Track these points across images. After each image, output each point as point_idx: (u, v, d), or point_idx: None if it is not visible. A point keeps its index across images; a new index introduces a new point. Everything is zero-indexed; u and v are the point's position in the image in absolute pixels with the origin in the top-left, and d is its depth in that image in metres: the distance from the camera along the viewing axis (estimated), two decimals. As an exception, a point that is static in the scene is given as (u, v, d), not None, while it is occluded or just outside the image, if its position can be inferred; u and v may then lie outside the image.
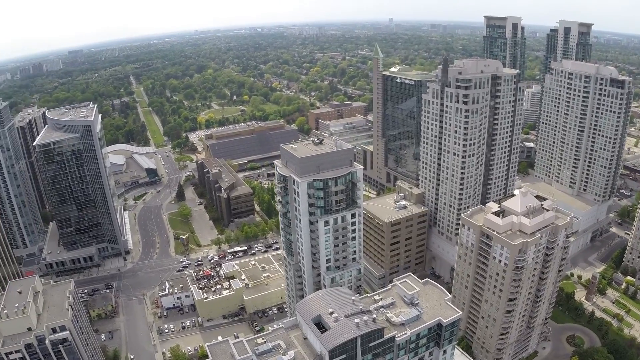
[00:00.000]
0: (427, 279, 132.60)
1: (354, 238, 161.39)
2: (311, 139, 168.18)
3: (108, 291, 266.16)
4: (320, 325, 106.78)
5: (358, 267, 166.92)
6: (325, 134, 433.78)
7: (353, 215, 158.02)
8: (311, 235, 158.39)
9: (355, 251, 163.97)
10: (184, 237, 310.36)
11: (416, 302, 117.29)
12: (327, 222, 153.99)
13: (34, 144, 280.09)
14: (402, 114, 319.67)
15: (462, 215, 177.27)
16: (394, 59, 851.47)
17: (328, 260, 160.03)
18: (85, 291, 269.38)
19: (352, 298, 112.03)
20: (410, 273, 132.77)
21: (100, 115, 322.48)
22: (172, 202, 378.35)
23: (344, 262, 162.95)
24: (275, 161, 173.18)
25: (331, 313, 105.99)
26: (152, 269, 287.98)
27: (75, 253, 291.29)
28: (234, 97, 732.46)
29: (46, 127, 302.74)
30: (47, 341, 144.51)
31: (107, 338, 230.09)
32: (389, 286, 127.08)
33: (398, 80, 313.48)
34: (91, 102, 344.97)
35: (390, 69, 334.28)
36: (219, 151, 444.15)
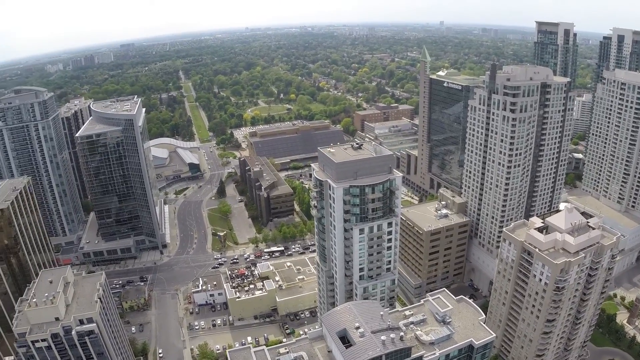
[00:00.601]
0: (461, 296, 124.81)
1: (389, 248, 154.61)
2: (350, 143, 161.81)
3: (142, 284, 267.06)
4: (346, 340, 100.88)
5: (392, 277, 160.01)
6: (370, 137, 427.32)
7: (390, 225, 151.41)
8: (345, 242, 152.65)
9: (390, 261, 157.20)
10: (221, 234, 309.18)
11: (448, 320, 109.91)
12: (362, 230, 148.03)
13: (77, 135, 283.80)
14: (449, 119, 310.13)
15: (504, 229, 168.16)
16: (444, 63, 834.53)
17: (361, 269, 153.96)
18: (120, 282, 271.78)
19: (381, 313, 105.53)
20: (444, 288, 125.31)
21: (143, 109, 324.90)
22: (213, 198, 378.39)
23: (377, 272, 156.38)
24: (312, 164, 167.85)
25: (357, 328, 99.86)
26: (188, 264, 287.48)
27: (113, 244, 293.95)
28: (281, 95, 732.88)
29: (90, 119, 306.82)
30: (73, 332, 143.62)
31: (138, 331, 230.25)
32: (421, 301, 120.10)
33: (445, 84, 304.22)
34: (135, 96, 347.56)
35: (438, 73, 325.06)
36: (262, 149, 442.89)
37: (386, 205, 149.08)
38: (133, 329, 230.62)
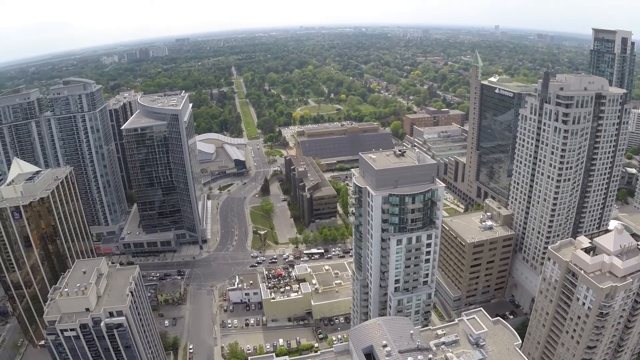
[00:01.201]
0: (498, 317, 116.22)
1: (427, 260, 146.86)
2: (392, 150, 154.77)
3: (179, 278, 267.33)
4: (371, 357, 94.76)
5: (429, 291, 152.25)
6: (419, 141, 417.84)
7: (429, 237, 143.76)
8: (382, 252, 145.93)
9: (427, 274, 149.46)
10: (262, 232, 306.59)
11: (482, 343, 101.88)
12: (399, 241, 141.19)
13: (121, 128, 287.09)
14: (499, 126, 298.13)
15: (549, 247, 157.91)
16: (497, 68, 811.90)
17: (397, 281, 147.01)
18: (157, 275, 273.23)
19: (411, 331, 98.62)
20: (481, 308, 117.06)
21: (190, 104, 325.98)
22: (257, 195, 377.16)
23: (413, 285, 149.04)
24: (353, 170, 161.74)
25: (384, 346, 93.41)
26: (226, 260, 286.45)
27: (153, 236, 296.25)
28: (331, 95, 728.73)
29: (137, 112, 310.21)
30: (102, 324, 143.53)
31: (171, 324, 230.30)
32: (456, 320, 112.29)
33: (497, 90, 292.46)
34: (183, 91, 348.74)
35: (490, 79, 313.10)
36: (309, 149, 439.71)
37: (426, 217, 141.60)
38: (166, 322, 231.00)
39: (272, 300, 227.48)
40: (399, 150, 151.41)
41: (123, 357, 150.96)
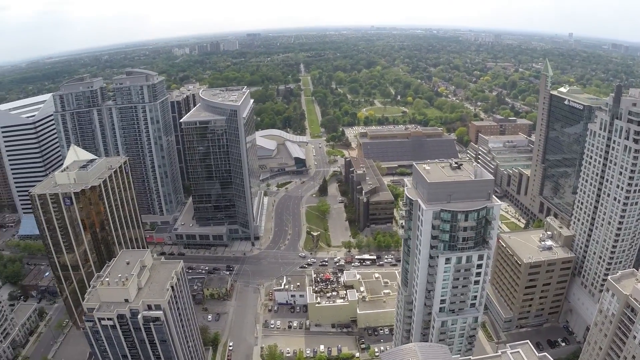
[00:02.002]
0: (544, 353, 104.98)
1: (477, 282, 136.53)
2: (449, 161, 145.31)
3: (227, 273, 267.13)
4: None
5: (476, 314, 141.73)
6: (483, 149, 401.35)
7: (480, 257, 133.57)
8: (429, 270, 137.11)
9: (476, 296, 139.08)
10: (315, 233, 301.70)
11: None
12: (448, 260, 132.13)
13: (180, 121, 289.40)
14: (568, 139, 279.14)
15: (609, 277, 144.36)
16: (569, 77, 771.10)
17: (442, 301, 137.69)
18: (206, 268, 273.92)
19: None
20: (527, 341, 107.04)
21: (252, 100, 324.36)
22: (314, 195, 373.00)
23: (460, 307, 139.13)
24: (405, 179, 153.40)
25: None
26: (277, 259, 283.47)
27: (206, 229, 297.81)
28: (398, 97, 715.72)
29: (198, 105, 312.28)
30: (139, 316, 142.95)
31: (214, 319, 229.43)
32: (499, 352, 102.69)
33: (566, 102, 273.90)
34: (245, 87, 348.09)
35: (560, 89, 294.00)
36: (371, 150, 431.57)
37: (479, 235, 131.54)
38: (209, 317, 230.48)
39: (317, 305, 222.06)
40: (455, 163, 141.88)
41: (158, 350, 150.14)
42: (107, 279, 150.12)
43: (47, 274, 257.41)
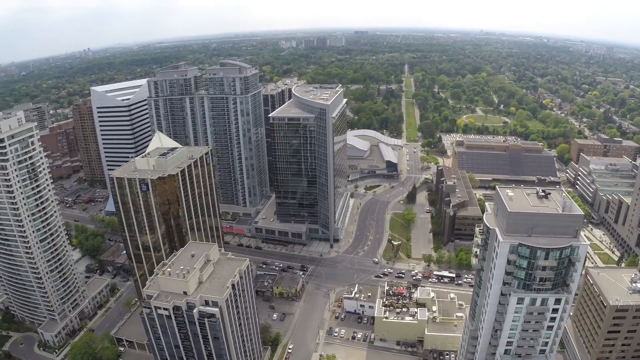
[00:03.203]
0: None
1: (550, 328, 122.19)
2: (536, 188, 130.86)
3: (301, 273, 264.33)
4: None
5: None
6: (584, 171, 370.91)
7: (558, 301, 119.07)
8: (499, 307, 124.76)
9: (547, 343, 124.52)
10: (396, 243, 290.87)
11: None
12: (521, 300, 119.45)
13: (269, 115, 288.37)
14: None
15: None
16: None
17: (509, 343, 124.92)
18: (280, 265, 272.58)
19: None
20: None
21: (344, 100, 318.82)
22: (401, 202, 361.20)
23: (528, 352, 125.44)
24: (487, 204, 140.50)
25: None
26: (353, 265, 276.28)
27: (286, 226, 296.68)
28: (501, 106, 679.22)
29: (289, 101, 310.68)
30: (195, 310, 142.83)
31: (279, 319, 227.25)
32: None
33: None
34: (339, 85, 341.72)
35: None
36: (465, 161, 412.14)
37: (559, 277, 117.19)
38: (274, 316, 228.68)
39: (384, 319, 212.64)
40: (543, 191, 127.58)
41: (210, 346, 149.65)
42: (169, 269, 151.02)
43: (124, 252, 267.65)
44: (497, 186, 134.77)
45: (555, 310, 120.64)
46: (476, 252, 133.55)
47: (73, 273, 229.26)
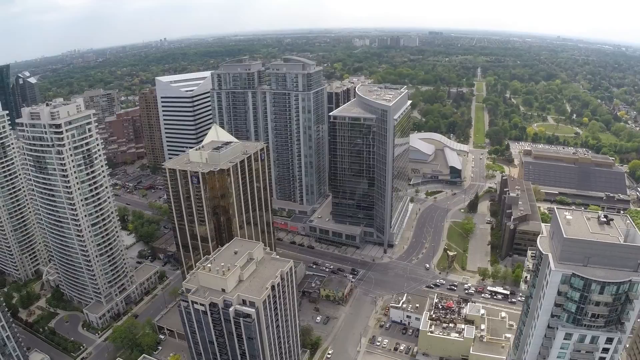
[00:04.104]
0: None
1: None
2: (597, 213, 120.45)
3: (350, 277, 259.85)
4: None
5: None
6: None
7: (609, 340, 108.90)
8: (544, 341, 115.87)
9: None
10: (451, 253, 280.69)
11: None
12: (569, 336, 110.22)
13: (329, 114, 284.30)
14: None
15: None
16: None
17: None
18: (331, 267, 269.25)
19: None
20: None
21: (409, 102, 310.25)
22: (462, 210, 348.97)
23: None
24: (543, 225, 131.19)
25: None
26: (404, 272, 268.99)
27: (340, 227, 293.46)
28: (573, 116, 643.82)
29: (352, 100, 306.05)
30: (231, 309, 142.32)
31: (322, 322, 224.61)
32: None
33: None
34: (405, 87, 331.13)
35: None
36: (532, 171, 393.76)
37: (614, 314, 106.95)
38: (318, 318, 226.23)
39: (429, 333, 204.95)
40: (604, 217, 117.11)
41: (244, 345, 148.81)
42: (209, 265, 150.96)
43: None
44: (555, 207, 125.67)
45: (605, 350, 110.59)
46: (526, 277, 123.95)
47: (122, 258, 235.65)
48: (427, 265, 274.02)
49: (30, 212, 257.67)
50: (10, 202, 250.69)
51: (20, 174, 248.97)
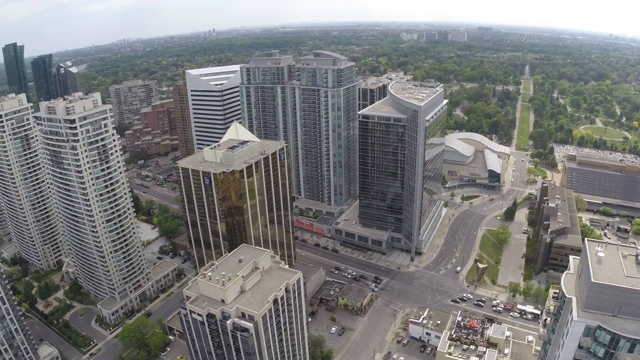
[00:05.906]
0: None
1: None
2: (637, 249, 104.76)
3: (373, 285, 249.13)
4: None
5: None
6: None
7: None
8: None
9: None
10: (482, 265, 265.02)
11: None
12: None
13: (358, 112, 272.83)
14: None
15: None
16: None
17: None
18: (353, 274, 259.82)
19: None
20: None
21: (445, 101, 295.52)
22: (498, 217, 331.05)
23: None
24: (572, 258, 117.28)
25: None
26: (430, 284, 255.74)
27: (367, 231, 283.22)
28: (623, 119, 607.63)
29: (384, 98, 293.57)
30: (229, 322, 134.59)
31: (337, 333, 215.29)
32: None
33: None
34: (440, 84, 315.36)
35: None
36: (575, 178, 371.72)
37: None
38: (333, 329, 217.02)
39: (446, 355, 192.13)
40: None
41: (242, 359, 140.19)
42: (210, 273, 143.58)
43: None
44: (586, 239, 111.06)
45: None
46: (545, 319, 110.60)
47: (138, 255, 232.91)
48: (459, 268, 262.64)
49: (52, 204, 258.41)
50: (33, 193, 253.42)
51: (43, 166, 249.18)
